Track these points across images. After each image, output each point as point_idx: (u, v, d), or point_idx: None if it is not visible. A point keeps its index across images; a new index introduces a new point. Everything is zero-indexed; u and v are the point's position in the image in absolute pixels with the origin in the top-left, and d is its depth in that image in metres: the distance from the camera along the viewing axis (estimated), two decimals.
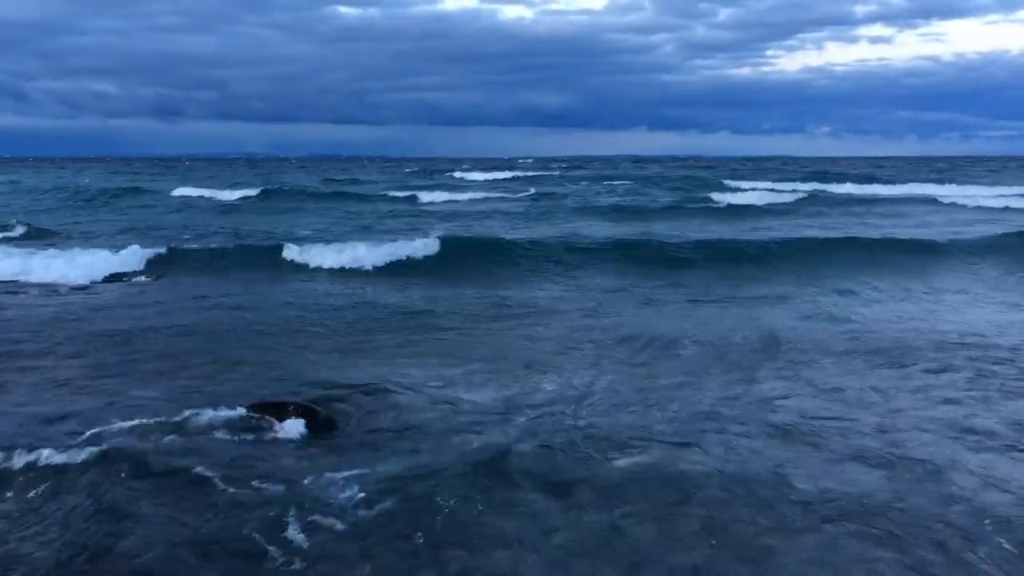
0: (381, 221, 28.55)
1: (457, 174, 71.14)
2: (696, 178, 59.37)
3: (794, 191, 42.56)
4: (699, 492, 6.05)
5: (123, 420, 7.34)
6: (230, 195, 41.00)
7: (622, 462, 6.60)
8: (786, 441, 7.07)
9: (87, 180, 56.35)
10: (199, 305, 13.44)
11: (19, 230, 23.29)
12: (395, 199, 40.27)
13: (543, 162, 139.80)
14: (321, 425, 7.24)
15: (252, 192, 41.76)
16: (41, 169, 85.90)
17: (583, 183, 55.97)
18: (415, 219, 29.29)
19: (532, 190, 46.85)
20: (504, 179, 63.36)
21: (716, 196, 38.56)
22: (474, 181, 60.93)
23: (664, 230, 23.77)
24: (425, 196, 40.82)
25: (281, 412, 7.38)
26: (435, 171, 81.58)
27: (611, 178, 62.01)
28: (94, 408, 7.79)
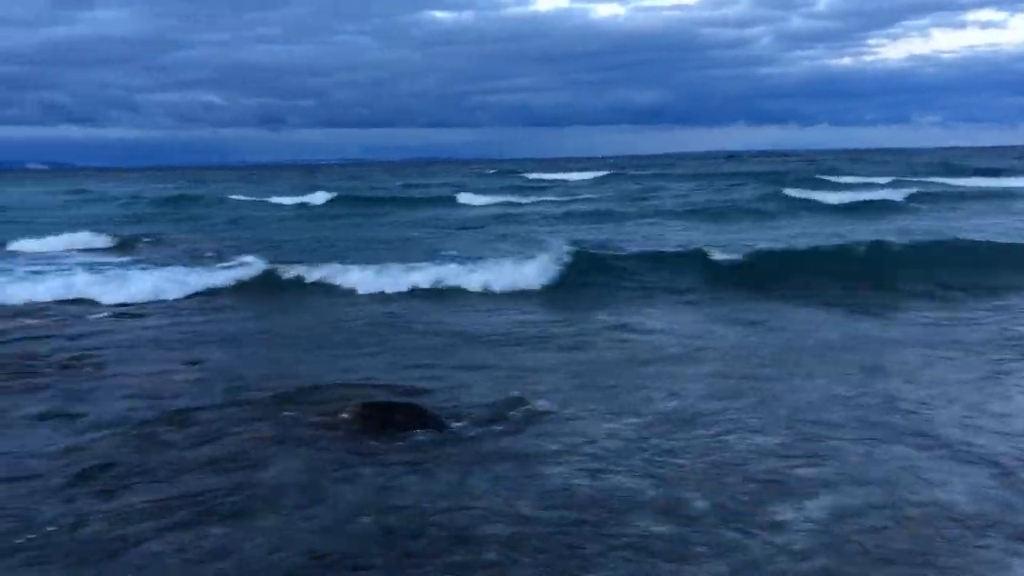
0: (457, 232, 27.56)
1: (547, 175, 70.44)
2: (798, 173, 57.09)
3: (897, 183, 40.36)
4: None
5: None
6: (315, 200, 42.64)
7: None
8: None
9: (195, 188, 58.51)
10: (306, 319, 13.47)
11: (108, 240, 25.32)
12: (476, 206, 39.34)
13: (640, 159, 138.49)
14: (429, 423, 7.44)
15: (326, 197, 43.07)
16: (155, 178, 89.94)
17: (680, 182, 54.37)
18: (507, 225, 28.81)
19: (628, 189, 45.90)
20: (599, 178, 62.41)
21: (825, 194, 35.52)
22: (567, 181, 60.21)
23: (778, 233, 22.43)
24: (513, 200, 40.30)
25: (390, 412, 7.63)
26: (523, 172, 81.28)
27: (709, 175, 60.26)
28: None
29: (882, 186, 39.79)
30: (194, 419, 7.80)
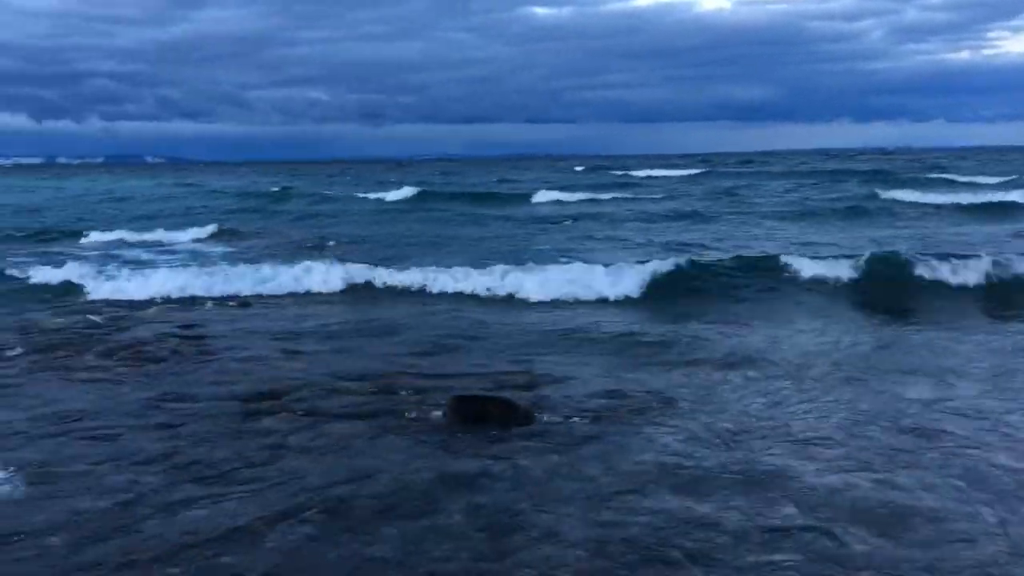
0: (540, 232, 26.71)
1: (639, 172, 69.52)
2: (903, 171, 54.96)
3: (1014, 183, 38.12)
4: None
5: None
6: (403, 195, 43.14)
7: None
8: None
9: (292, 181, 60.33)
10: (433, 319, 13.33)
11: (208, 231, 26.67)
12: (561, 203, 38.04)
13: (737, 156, 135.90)
14: (520, 418, 7.48)
15: (413, 192, 43.38)
16: (258, 172, 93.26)
17: (776, 180, 52.87)
18: (592, 224, 28.58)
19: (721, 187, 45.04)
20: (692, 176, 61.45)
21: (934, 195, 33.47)
22: (659, 178, 59.47)
23: (879, 234, 21.39)
24: (601, 197, 39.77)
25: (482, 405, 7.73)
26: (616, 168, 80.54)
27: (808, 173, 58.55)
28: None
29: (998, 186, 37.68)
30: (292, 408, 8.04)
